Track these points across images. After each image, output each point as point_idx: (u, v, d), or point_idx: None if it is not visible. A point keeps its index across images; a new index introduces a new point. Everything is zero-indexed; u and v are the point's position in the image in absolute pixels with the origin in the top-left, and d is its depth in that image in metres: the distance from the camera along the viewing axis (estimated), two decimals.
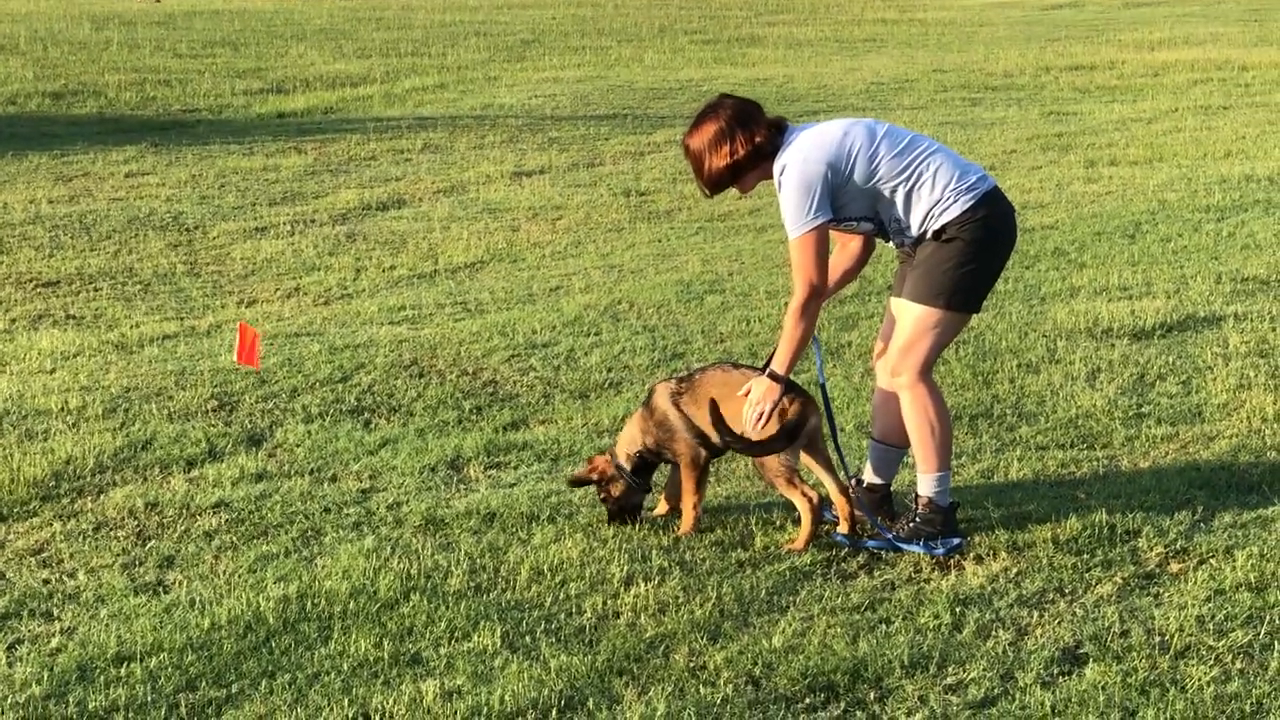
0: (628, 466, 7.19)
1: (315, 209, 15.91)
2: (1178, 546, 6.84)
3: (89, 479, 7.97)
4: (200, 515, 7.44)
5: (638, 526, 7.15)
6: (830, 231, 6.89)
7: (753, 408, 6.85)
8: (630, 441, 7.22)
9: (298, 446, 8.44)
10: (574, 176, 17.82)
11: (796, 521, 7.01)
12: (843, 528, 6.98)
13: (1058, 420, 8.61)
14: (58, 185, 17.19)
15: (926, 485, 6.89)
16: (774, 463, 6.87)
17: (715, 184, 6.95)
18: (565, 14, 42.26)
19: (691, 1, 46.85)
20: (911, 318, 6.79)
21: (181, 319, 11.62)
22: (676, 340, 10.40)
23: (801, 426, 6.88)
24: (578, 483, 7.36)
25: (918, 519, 6.88)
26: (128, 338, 10.90)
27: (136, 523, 7.38)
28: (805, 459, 6.98)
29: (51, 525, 7.36)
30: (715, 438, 7.00)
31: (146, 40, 32.93)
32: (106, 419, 8.91)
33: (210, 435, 8.60)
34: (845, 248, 7.14)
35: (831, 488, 6.97)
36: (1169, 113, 22.26)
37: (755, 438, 6.89)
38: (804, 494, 6.88)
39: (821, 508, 6.95)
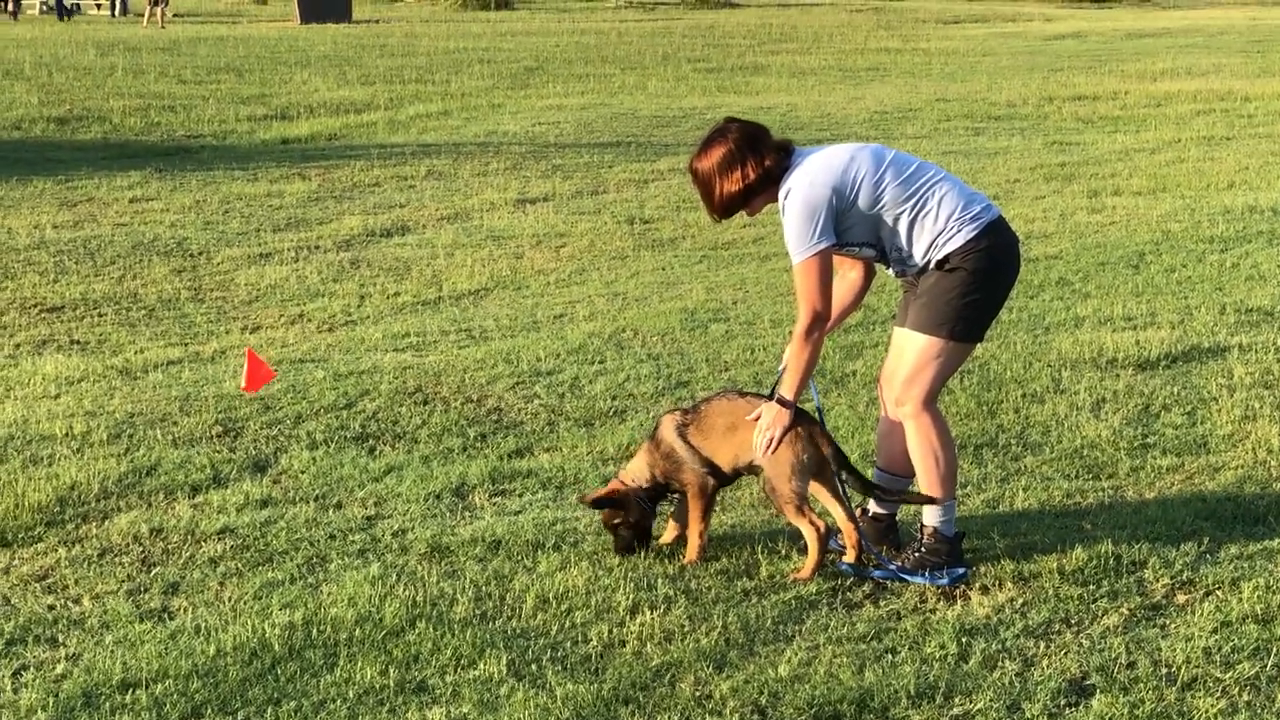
0: (644, 495, 7.17)
1: (319, 235, 15.92)
2: (1184, 578, 6.83)
3: (94, 505, 7.97)
4: (205, 541, 7.44)
5: (644, 555, 7.14)
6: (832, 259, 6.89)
7: (762, 433, 6.85)
8: (638, 473, 7.22)
9: (303, 473, 8.43)
10: (578, 204, 17.83)
11: (802, 550, 7.00)
12: (849, 557, 6.97)
13: (1063, 450, 8.61)
14: (62, 210, 17.20)
15: (932, 515, 6.88)
16: (785, 490, 6.87)
17: (726, 209, 6.95)
18: (569, 41, 42.35)
19: (695, 30, 46.97)
20: (915, 348, 6.79)
21: (186, 345, 11.62)
22: (681, 368, 10.40)
23: (814, 455, 6.88)
24: (599, 503, 7.24)
25: (923, 549, 6.88)
26: (132, 363, 10.90)
27: (141, 549, 7.37)
28: (813, 487, 6.97)
29: (56, 551, 7.35)
30: (725, 468, 7.01)
31: (151, 66, 33.00)
32: (111, 444, 8.90)
33: (215, 461, 8.59)
34: (844, 278, 7.14)
35: (840, 516, 6.96)
36: (1172, 143, 22.29)
37: (764, 463, 6.89)
38: (812, 522, 6.88)
39: (828, 537, 6.95)
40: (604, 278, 13.90)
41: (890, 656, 6.13)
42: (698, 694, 5.83)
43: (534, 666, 6.04)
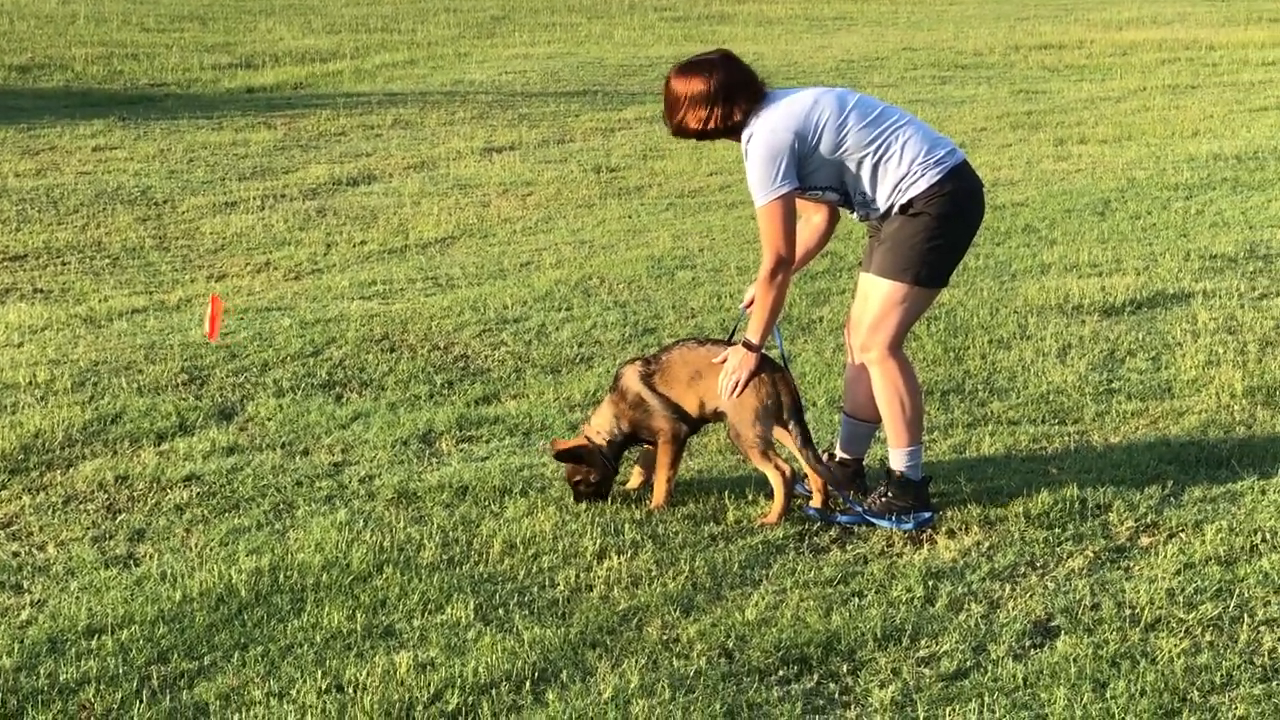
0: (607, 450, 7.16)
1: (285, 184, 15.86)
2: (1148, 521, 6.86)
3: (58, 452, 7.94)
4: (171, 489, 7.42)
5: (609, 501, 7.14)
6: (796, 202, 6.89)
7: (728, 376, 6.85)
8: (604, 426, 7.19)
9: (269, 420, 8.41)
10: (544, 153, 17.79)
11: (769, 495, 7.01)
12: (815, 501, 6.98)
13: (1029, 396, 8.63)
14: (24, 159, 17.09)
15: (898, 460, 6.89)
16: (750, 435, 6.88)
17: (681, 133, 6.94)
18: None
19: None
20: (880, 293, 6.78)
21: (150, 293, 11.57)
22: (648, 315, 10.39)
23: (779, 400, 6.89)
24: (564, 455, 7.19)
25: (890, 493, 6.89)
26: (96, 312, 10.86)
27: (106, 496, 7.36)
28: (779, 433, 6.98)
29: (20, 499, 7.33)
30: (696, 414, 7.02)
31: (113, 14, 32.77)
32: (75, 393, 8.87)
33: (181, 409, 8.56)
34: (809, 222, 7.13)
35: (806, 461, 6.97)
36: (1137, 92, 22.31)
37: (729, 408, 6.89)
38: (777, 467, 6.89)
39: (794, 482, 6.96)
40: (570, 226, 13.88)
41: (857, 600, 6.14)
42: (665, 638, 5.84)
43: (501, 611, 6.04)
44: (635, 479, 7.38)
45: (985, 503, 7.02)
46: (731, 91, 6.76)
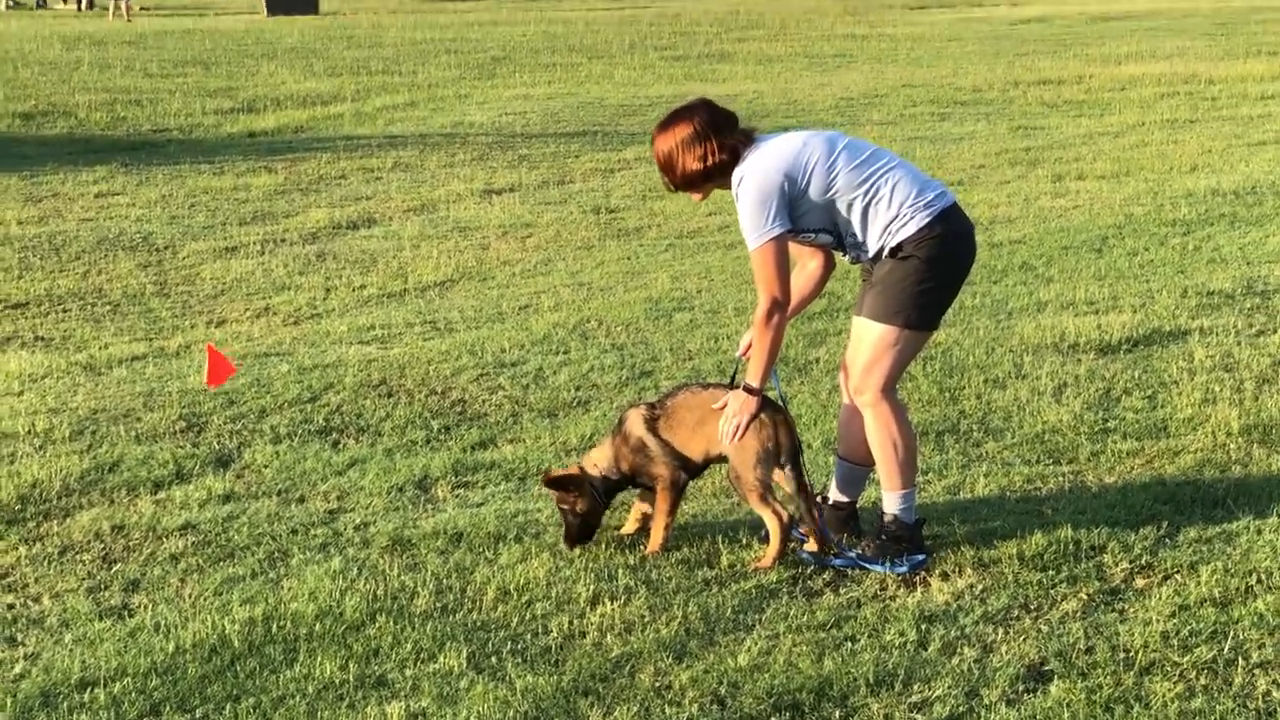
0: (600, 486, 7.18)
1: (285, 228, 15.90)
2: (1143, 562, 6.86)
3: (55, 502, 7.95)
4: (167, 538, 7.43)
5: (603, 547, 7.14)
6: (793, 246, 6.92)
7: (729, 420, 6.87)
8: (601, 463, 7.21)
9: (265, 467, 8.43)
10: (544, 194, 17.83)
11: (764, 539, 7.02)
12: (810, 545, 6.98)
13: (1024, 435, 8.64)
14: (27, 206, 17.15)
15: (892, 503, 6.90)
16: (750, 478, 6.88)
17: (687, 184, 6.95)
18: (536, 31, 42.32)
19: (662, 18, 46.97)
20: (872, 336, 6.80)
21: (150, 339, 11.60)
22: (645, 358, 10.41)
23: (779, 443, 6.90)
24: (556, 482, 7.19)
25: (884, 536, 6.89)
26: (96, 359, 10.88)
27: (103, 546, 7.37)
28: (778, 475, 6.99)
29: (17, 549, 7.34)
30: (699, 459, 7.03)
31: (117, 60, 32.90)
32: (74, 441, 8.89)
33: (178, 457, 8.58)
34: (804, 268, 7.15)
35: (802, 505, 6.97)
36: (1136, 127, 22.34)
37: (729, 451, 6.90)
38: (775, 511, 6.90)
39: (791, 527, 6.97)
40: (569, 268, 13.91)
41: (850, 644, 6.14)
42: (657, 684, 5.84)
43: (494, 659, 6.05)
44: (631, 524, 7.38)
45: (979, 545, 7.02)
46: (719, 126, 6.84)
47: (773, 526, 6.92)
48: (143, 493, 8.09)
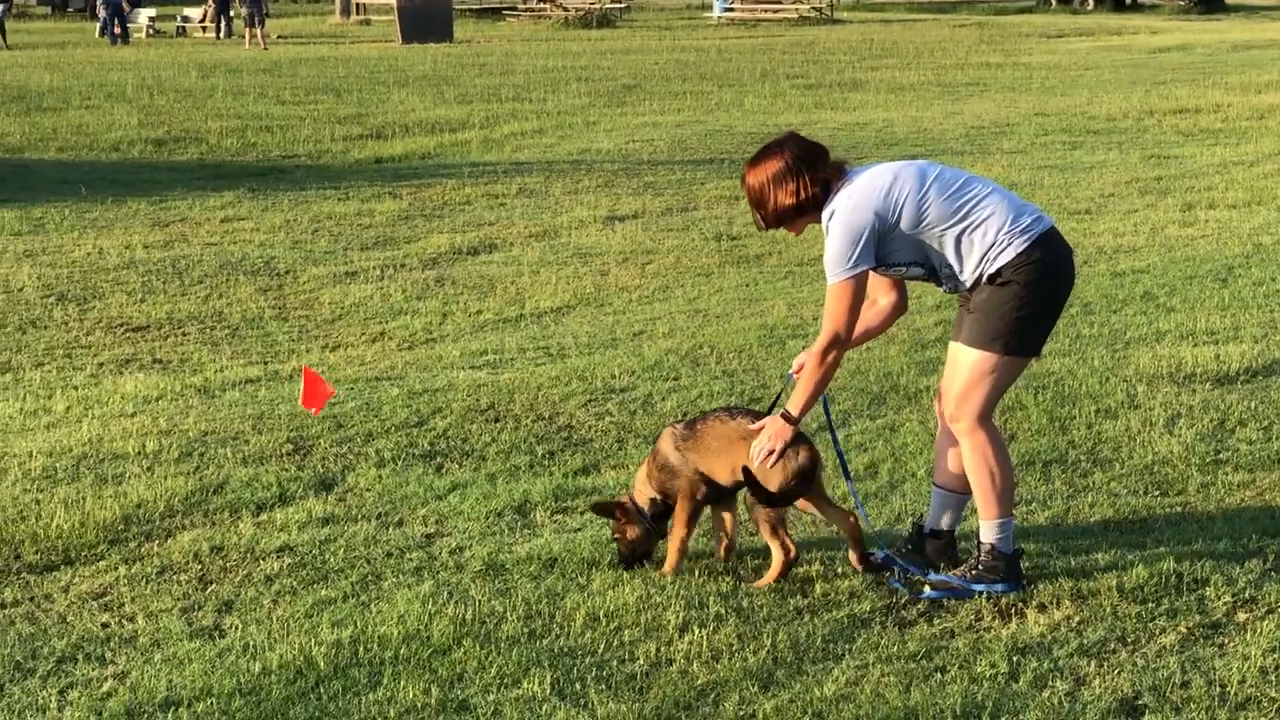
0: (647, 510, 7.18)
1: (406, 254, 15.98)
2: (1246, 595, 6.72)
3: (158, 523, 8.01)
4: (264, 559, 7.46)
5: (694, 574, 7.08)
6: (871, 280, 6.88)
7: (761, 446, 6.81)
8: (641, 487, 7.24)
9: (368, 491, 8.44)
10: (667, 221, 17.81)
11: (840, 572, 6.99)
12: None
13: (1133, 466, 8.49)
14: (154, 231, 17.37)
15: (988, 532, 6.80)
16: (766, 508, 6.85)
17: (779, 220, 6.91)
18: (668, 59, 42.41)
19: (796, 46, 46.90)
20: (968, 363, 6.71)
21: (266, 363, 11.68)
22: (754, 385, 10.35)
23: (812, 472, 6.88)
24: (599, 509, 7.30)
25: (980, 566, 6.79)
26: (211, 382, 10.97)
27: (200, 567, 7.40)
28: (803, 504, 6.99)
29: (116, 569, 7.39)
30: (726, 483, 7.02)
31: (251, 87, 33.30)
32: (181, 463, 8.95)
33: (282, 479, 8.62)
34: (874, 304, 7.07)
35: (837, 520, 7.01)
36: (1272, 155, 22.00)
37: (760, 476, 6.86)
38: (783, 544, 6.92)
39: (795, 562, 6.97)
40: (687, 294, 13.88)
41: (939, 675, 6.05)
42: (741, 713, 5.78)
43: (578, 685, 6.01)
44: (721, 549, 7.31)
45: (1079, 576, 6.90)
46: (810, 159, 6.79)
47: (777, 557, 6.95)
48: (244, 514, 8.13)
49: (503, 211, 18.59)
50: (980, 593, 6.74)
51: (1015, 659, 6.16)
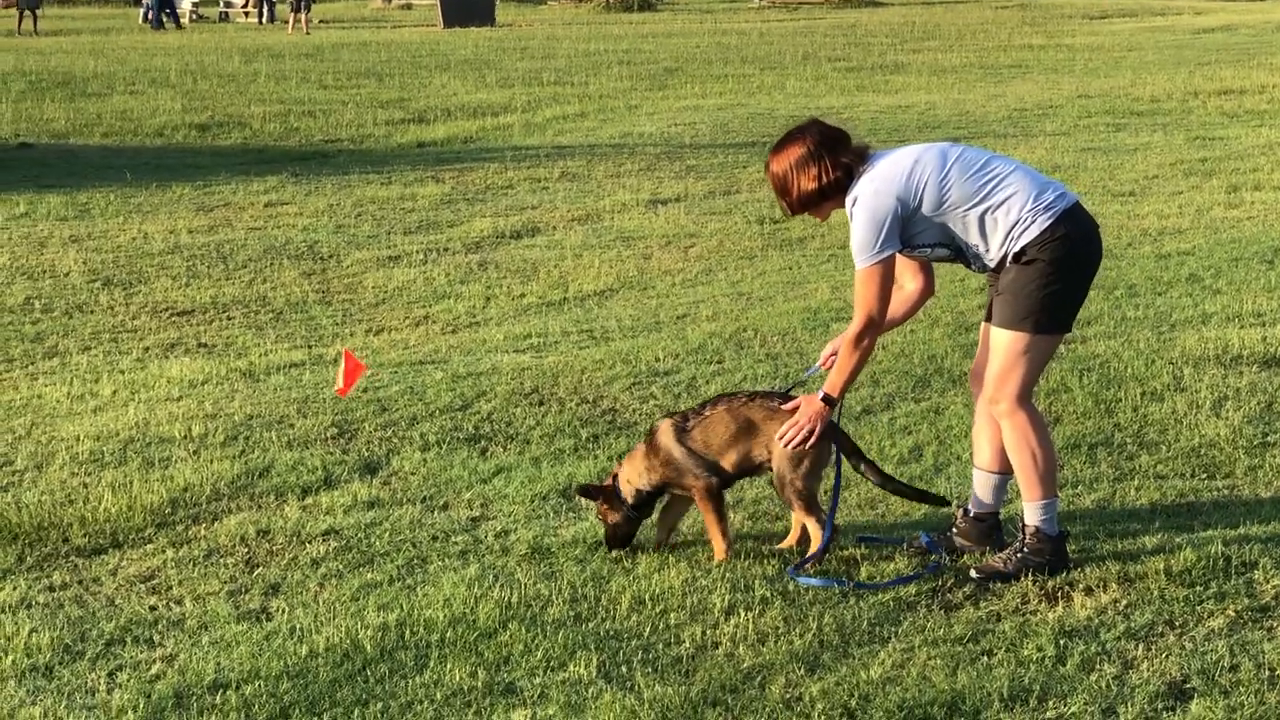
0: (630, 500, 7.20)
1: (449, 237, 16.00)
2: None
3: (204, 506, 8.03)
4: (310, 543, 7.47)
5: (740, 558, 7.07)
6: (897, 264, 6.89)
7: (795, 426, 6.83)
8: (633, 476, 7.24)
9: (412, 474, 8.45)
10: (709, 204, 17.79)
11: (905, 553, 6.97)
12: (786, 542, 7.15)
13: (1179, 449, 8.45)
14: (198, 215, 17.42)
15: (1033, 514, 6.78)
16: (800, 485, 6.93)
17: (803, 205, 6.91)
18: (710, 42, 42.35)
19: (837, 29, 46.80)
20: (1003, 345, 6.70)
21: (310, 347, 11.71)
22: (798, 368, 10.32)
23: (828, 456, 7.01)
24: (584, 491, 7.38)
25: (1025, 549, 6.77)
26: (256, 366, 11.00)
27: (247, 550, 7.42)
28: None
29: (164, 552, 7.42)
30: (732, 470, 7.09)
31: (294, 72, 33.36)
32: (227, 446, 8.98)
33: (327, 463, 8.63)
34: (902, 289, 7.06)
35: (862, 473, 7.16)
36: None
37: (781, 456, 6.90)
38: (820, 520, 6.96)
39: (833, 537, 7.01)
40: (730, 278, 13.86)
41: (986, 659, 6.04)
42: (787, 696, 5.77)
43: (624, 668, 6.01)
44: (791, 538, 7.29)
45: (1126, 560, 6.88)
46: (832, 144, 6.79)
47: (815, 534, 6.96)
48: (290, 498, 8.15)
49: (545, 195, 18.59)
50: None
51: (1062, 642, 6.14)
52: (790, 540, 7.12)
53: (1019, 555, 6.78)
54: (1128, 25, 48.48)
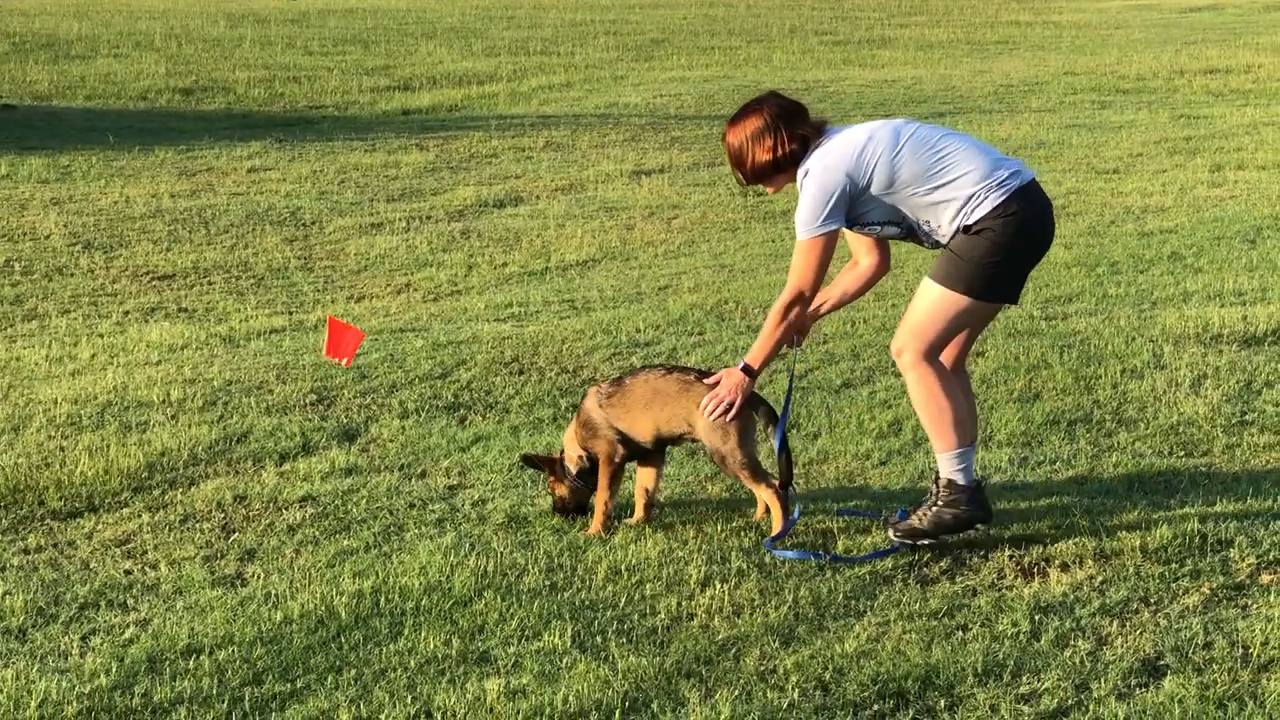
0: (573, 469, 7.24)
1: (432, 206, 15.97)
2: (1270, 557, 6.68)
3: (181, 471, 8.01)
4: (286, 509, 7.46)
5: (718, 529, 7.07)
6: (851, 241, 6.94)
7: (717, 399, 6.84)
8: (569, 444, 7.31)
9: (390, 442, 8.44)
10: (693, 176, 17.78)
11: (876, 525, 6.96)
12: (758, 514, 7.14)
13: (1158, 427, 8.46)
14: (180, 180, 17.37)
15: (946, 465, 6.75)
16: (738, 456, 6.91)
17: (757, 176, 6.90)
18: (696, 14, 42.25)
19: (825, 2, 46.68)
20: (931, 298, 6.67)
21: (291, 313, 11.69)
22: None
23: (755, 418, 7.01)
24: (527, 461, 7.42)
25: (940, 503, 6.74)
26: (236, 331, 10.98)
27: (223, 515, 7.41)
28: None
29: (140, 516, 7.41)
30: (647, 441, 7.09)
31: (279, 38, 33.24)
32: (205, 411, 8.96)
33: (306, 429, 8.62)
34: (855, 266, 7.06)
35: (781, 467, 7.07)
36: None
37: (709, 430, 6.90)
38: (769, 484, 6.95)
39: (787, 491, 6.99)
40: (713, 249, 13.85)
41: (960, 633, 6.03)
42: (761, 668, 5.77)
43: (598, 638, 6.00)
44: (639, 512, 7.29)
45: (1102, 536, 6.87)
46: (788, 117, 6.79)
47: (770, 500, 6.95)
48: (268, 464, 8.13)
49: (529, 165, 18.56)
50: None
51: (1037, 618, 6.14)
52: (760, 512, 7.11)
53: (933, 509, 6.75)
54: (1115, 3, 48.38)
